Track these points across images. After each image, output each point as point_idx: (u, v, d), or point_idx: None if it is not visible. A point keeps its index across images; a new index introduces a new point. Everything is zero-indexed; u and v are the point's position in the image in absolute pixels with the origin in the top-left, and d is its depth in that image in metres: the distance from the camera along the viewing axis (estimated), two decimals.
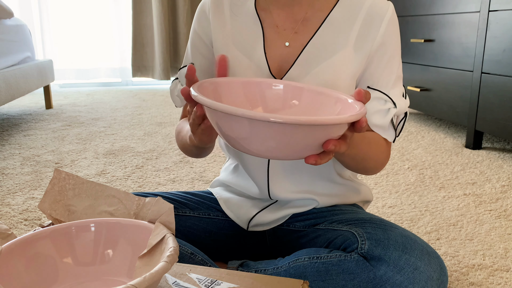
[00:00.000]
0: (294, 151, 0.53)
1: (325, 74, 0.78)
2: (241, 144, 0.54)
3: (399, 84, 0.82)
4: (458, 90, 2.08)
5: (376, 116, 0.80)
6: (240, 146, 0.55)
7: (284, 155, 0.54)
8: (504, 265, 1.02)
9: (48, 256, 0.60)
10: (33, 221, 1.23)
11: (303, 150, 0.54)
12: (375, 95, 0.80)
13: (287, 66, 0.80)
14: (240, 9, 0.84)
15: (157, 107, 3.03)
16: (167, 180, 1.58)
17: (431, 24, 2.28)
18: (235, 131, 0.52)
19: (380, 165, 0.82)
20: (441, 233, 1.18)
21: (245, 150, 0.55)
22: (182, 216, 0.89)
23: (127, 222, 0.63)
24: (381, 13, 0.78)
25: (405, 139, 2.18)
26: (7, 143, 2.07)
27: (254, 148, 0.53)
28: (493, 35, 1.85)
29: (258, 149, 0.53)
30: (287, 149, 0.52)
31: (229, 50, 0.82)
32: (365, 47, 0.79)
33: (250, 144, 0.53)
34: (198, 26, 0.87)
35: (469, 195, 1.44)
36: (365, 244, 0.73)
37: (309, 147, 0.53)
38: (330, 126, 0.51)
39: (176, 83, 0.92)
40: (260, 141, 0.51)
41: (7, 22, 2.50)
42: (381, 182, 1.58)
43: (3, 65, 2.28)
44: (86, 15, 3.89)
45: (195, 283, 0.61)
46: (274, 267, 0.79)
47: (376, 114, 0.80)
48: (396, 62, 0.81)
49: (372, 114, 0.80)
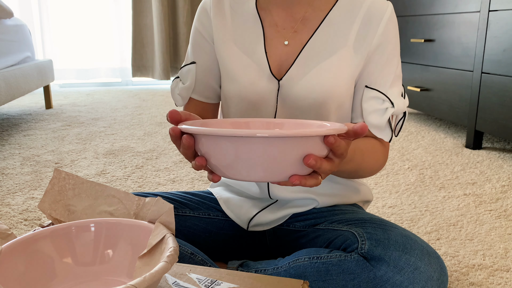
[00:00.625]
0: (278, 168, 0.54)
1: (324, 73, 0.78)
2: (230, 167, 0.55)
3: (398, 84, 0.82)
4: (458, 90, 2.08)
5: (373, 116, 0.80)
6: (229, 170, 0.55)
7: (269, 174, 0.55)
8: (504, 265, 1.02)
9: (48, 256, 0.60)
10: (33, 221, 1.23)
11: (286, 168, 0.54)
12: (373, 95, 0.80)
13: (287, 65, 0.80)
14: (241, 7, 0.84)
15: (157, 107, 3.03)
16: (167, 180, 1.58)
17: (431, 24, 2.28)
18: (222, 152, 0.54)
19: (376, 171, 0.83)
20: (441, 233, 1.18)
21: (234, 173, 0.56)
22: (182, 216, 0.89)
23: (127, 222, 0.63)
24: (380, 13, 0.79)
25: (405, 139, 2.18)
26: (7, 143, 2.07)
27: (242, 169, 0.54)
28: (493, 35, 1.85)
29: (247, 172, 0.54)
30: (271, 166, 0.53)
31: (230, 49, 0.83)
32: (364, 47, 0.79)
33: (237, 165, 0.54)
34: (199, 24, 0.87)
35: (469, 195, 1.44)
36: (365, 244, 0.73)
37: (291, 165, 0.54)
38: (305, 138, 0.52)
39: (177, 81, 0.92)
40: (245, 161, 0.53)
41: (7, 22, 2.50)
42: (381, 182, 1.58)
43: (3, 65, 2.28)
44: (86, 15, 3.89)
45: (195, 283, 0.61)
46: (274, 267, 0.79)
47: (373, 114, 0.80)
48: (395, 61, 0.81)
49: (369, 114, 0.80)
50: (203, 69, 0.88)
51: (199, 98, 0.89)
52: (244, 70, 0.81)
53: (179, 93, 0.90)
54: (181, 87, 0.90)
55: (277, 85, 0.80)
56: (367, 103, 0.80)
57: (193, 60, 0.89)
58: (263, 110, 0.82)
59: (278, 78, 0.80)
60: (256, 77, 0.80)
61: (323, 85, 0.78)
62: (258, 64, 0.80)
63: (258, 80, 0.80)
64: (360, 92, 0.81)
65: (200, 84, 0.89)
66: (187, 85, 0.89)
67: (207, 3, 0.86)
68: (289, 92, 0.79)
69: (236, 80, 0.82)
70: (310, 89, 0.78)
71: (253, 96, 0.81)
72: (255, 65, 0.80)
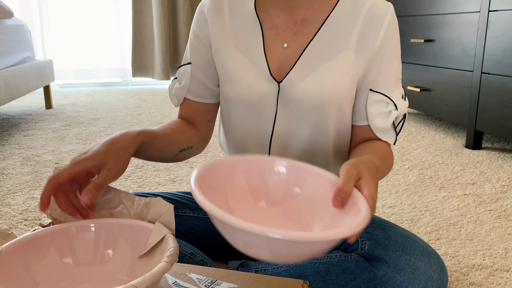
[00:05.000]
0: (288, 258, 0.52)
1: (325, 76, 0.78)
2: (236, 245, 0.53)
3: (399, 86, 0.82)
4: (458, 90, 2.08)
5: (378, 119, 0.80)
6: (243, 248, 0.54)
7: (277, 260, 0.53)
8: (504, 265, 1.02)
9: (48, 256, 0.60)
10: (33, 221, 1.23)
11: (297, 259, 0.52)
12: (377, 98, 0.80)
13: (287, 68, 0.80)
14: (239, 9, 0.84)
15: (157, 107, 3.03)
16: (167, 180, 1.58)
17: (431, 24, 2.28)
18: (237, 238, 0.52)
19: (390, 169, 0.83)
20: (441, 233, 1.18)
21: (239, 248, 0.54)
22: (182, 216, 0.89)
23: (127, 222, 0.63)
24: (381, 15, 0.78)
25: (405, 139, 2.18)
26: (7, 143, 2.07)
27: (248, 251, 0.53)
28: (493, 35, 1.85)
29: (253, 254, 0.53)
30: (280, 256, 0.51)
31: (229, 50, 0.82)
32: (366, 49, 0.78)
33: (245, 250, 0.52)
34: (196, 27, 0.87)
35: (469, 195, 1.44)
36: (365, 245, 0.73)
37: (304, 257, 0.52)
38: (328, 241, 0.49)
39: (175, 82, 0.92)
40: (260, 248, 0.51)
41: (7, 22, 2.50)
42: (381, 182, 1.57)
43: (3, 65, 2.28)
44: (86, 15, 3.89)
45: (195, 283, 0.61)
46: (274, 267, 0.79)
47: (378, 117, 0.80)
48: (396, 63, 0.80)
49: (374, 117, 0.80)
50: (199, 70, 0.88)
51: (193, 98, 0.89)
52: (243, 72, 0.81)
53: (174, 93, 0.91)
54: (176, 87, 0.90)
55: (277, 87, 0.80)
56: (372, 107, 0.80)
57: (190, 61, 0.89)
58: (263, 112, 0.81)
59: (278, 81, 0.80)
60: (255, 79, 0.80)
61: (324, 88, 0.77)
62: (258, 66, 0.80)
63: (257, 81, 0.80)
64: (364, 95, 0.81)
65: (195, 84, 0.88)
66: (182, 85, 0.89)
67: (204, 5, 0.86)
68: (289, 95, 0.79)
69: (235, 82, 0.81)
70: (310, 92, 0.78)
71: (252, 98, 0.80)
72: (254, 66, 0.80)
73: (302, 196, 0.64)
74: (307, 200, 0.64)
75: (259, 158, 0.67)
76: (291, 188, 0.65)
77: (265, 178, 0.66)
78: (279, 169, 0.66)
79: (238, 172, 0.65)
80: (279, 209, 0.64)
